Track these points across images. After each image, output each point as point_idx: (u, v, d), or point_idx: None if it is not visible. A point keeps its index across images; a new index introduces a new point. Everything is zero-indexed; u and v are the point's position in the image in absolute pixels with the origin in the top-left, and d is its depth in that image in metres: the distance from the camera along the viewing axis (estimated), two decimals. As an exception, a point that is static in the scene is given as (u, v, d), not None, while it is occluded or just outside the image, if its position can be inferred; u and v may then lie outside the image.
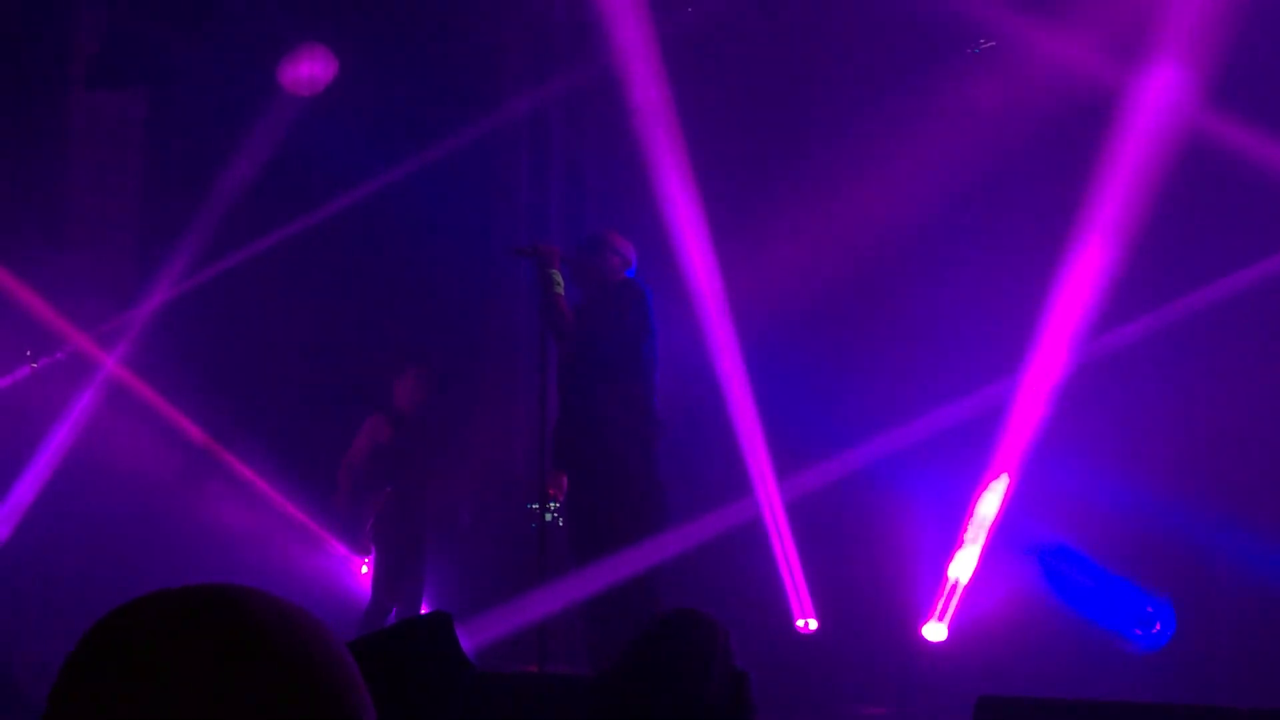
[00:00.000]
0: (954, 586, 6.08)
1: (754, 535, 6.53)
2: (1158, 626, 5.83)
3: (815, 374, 6.78)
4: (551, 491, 5.49)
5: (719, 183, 7.01)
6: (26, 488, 7.39)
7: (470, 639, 2.68)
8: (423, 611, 6.58)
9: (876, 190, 6.62)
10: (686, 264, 6.88)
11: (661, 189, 7.02)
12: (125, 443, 7.53)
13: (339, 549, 7.29)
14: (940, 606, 6.10)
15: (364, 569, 7.11)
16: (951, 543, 6.20)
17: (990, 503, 6.09)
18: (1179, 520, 5.82)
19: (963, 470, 6.24)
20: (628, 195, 7.22)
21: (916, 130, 6.49)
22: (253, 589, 1.01)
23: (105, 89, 7.89)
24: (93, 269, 7.85)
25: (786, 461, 6.54)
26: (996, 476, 6.14)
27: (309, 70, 7.74)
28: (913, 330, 6.69)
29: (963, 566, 6.08)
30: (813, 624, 6.39)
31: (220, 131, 7.67)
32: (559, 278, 5.44)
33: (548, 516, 5.56)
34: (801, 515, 6.52)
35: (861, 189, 6.67)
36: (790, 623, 6.47)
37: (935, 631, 6.09)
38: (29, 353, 7.73)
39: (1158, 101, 5.82)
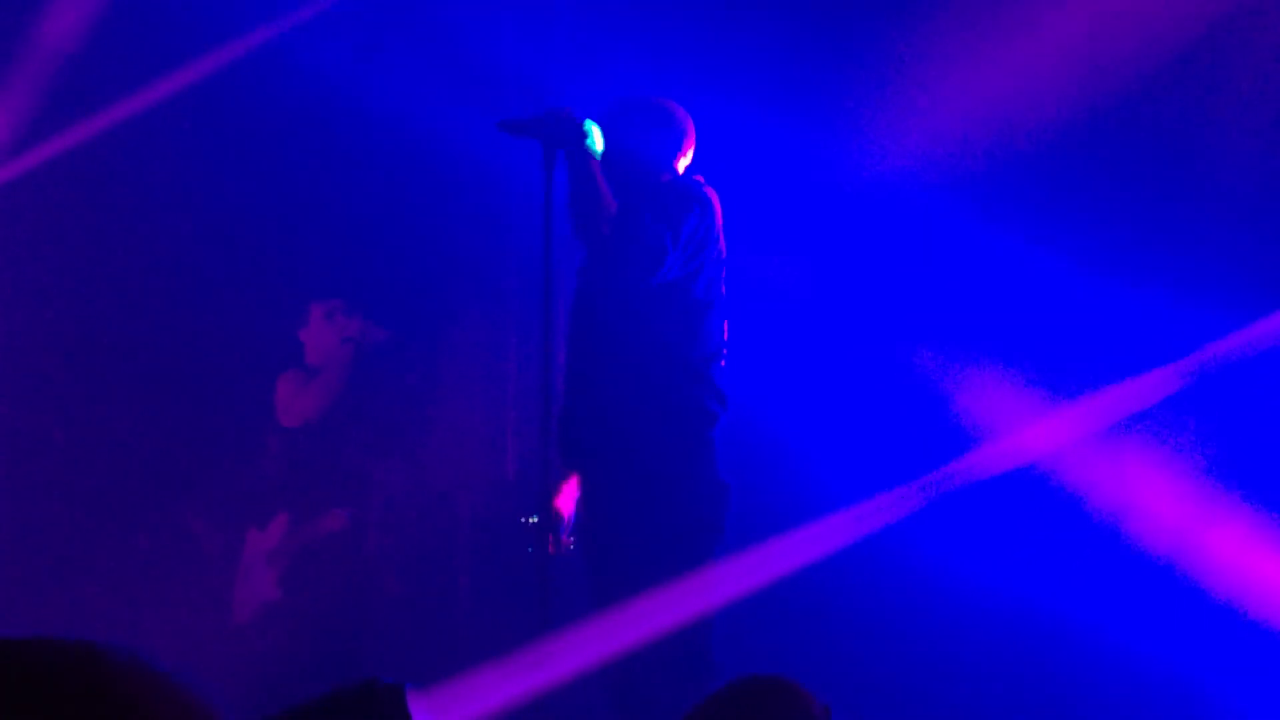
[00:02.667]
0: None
1: (858, 559, 6.69)
2: None
3: (952, 329, 7.01)
4: (558, 502, 5.50)
5: (818, 57, 7.08)
6: None
7: (435, 716, 2.63)
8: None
9: (1007, 80, 6.84)
10: (767, 163, 6.94)
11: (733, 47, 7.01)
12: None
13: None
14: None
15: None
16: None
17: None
18: None
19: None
20: (684, 47, 7.22)
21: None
22: (113, 648, 1.18)
23: None
24: None
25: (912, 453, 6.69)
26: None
27: None
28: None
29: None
30: None
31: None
32: (596, 130, 5.29)
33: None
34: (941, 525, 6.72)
35: (987, 76, 6.85)
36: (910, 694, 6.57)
37: None
38: None
39: None
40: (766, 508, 6.32)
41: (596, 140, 5.28)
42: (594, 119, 5.47)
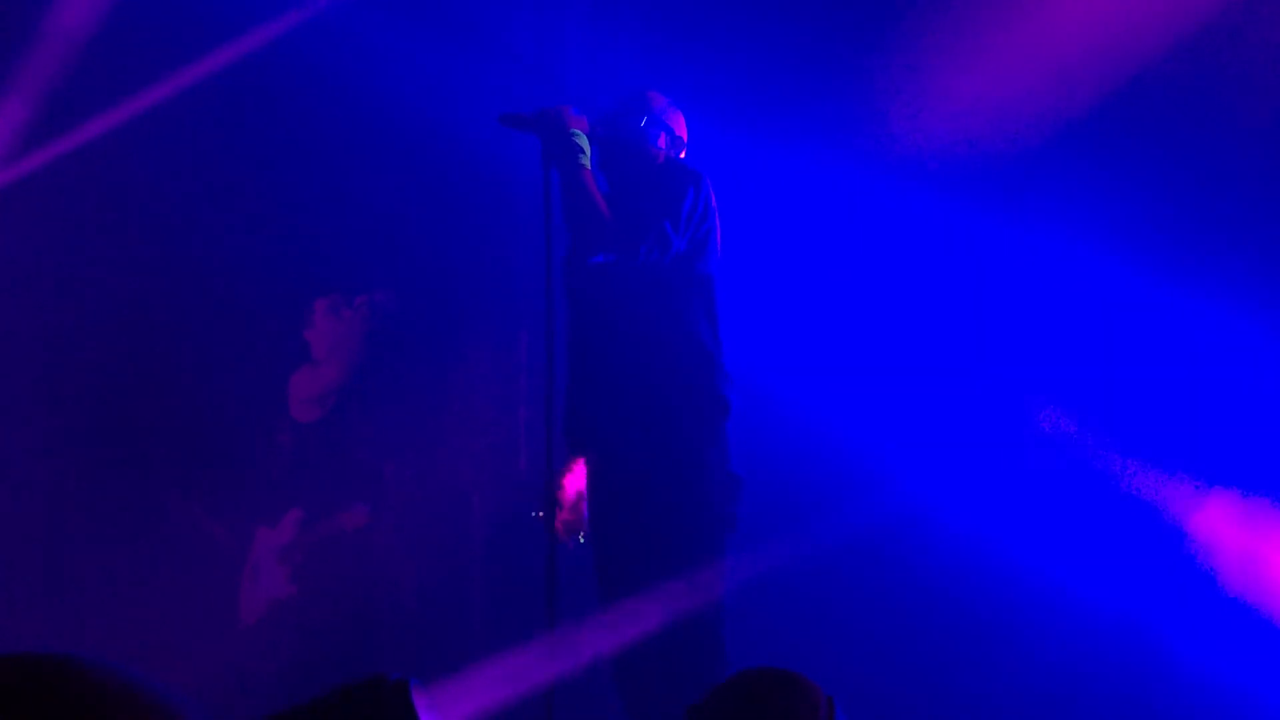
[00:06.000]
0: None
1: (864, 553, 6.68)
2: None
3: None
4: (563, 492, 5.44)
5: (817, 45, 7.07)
6: None
7: (440, 713, 2.60)
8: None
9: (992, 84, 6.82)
10: (770, 159, 6.91)
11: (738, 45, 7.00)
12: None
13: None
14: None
15: None
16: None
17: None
18: None
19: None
20: (687, 50, 7.17)
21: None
22: (93, 661, 1.18)
23: None
24: None
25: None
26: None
27: None
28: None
29: None
30: None
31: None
32: (585, 143, 5.28)
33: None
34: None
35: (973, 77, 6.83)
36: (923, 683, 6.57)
37: None
38: None
39: None
40: (773, 499, 6.28)
41: (585, 148, 5.25)
42: (593, 117, 5.46)
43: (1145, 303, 6.72)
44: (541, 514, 5.40)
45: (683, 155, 5.55)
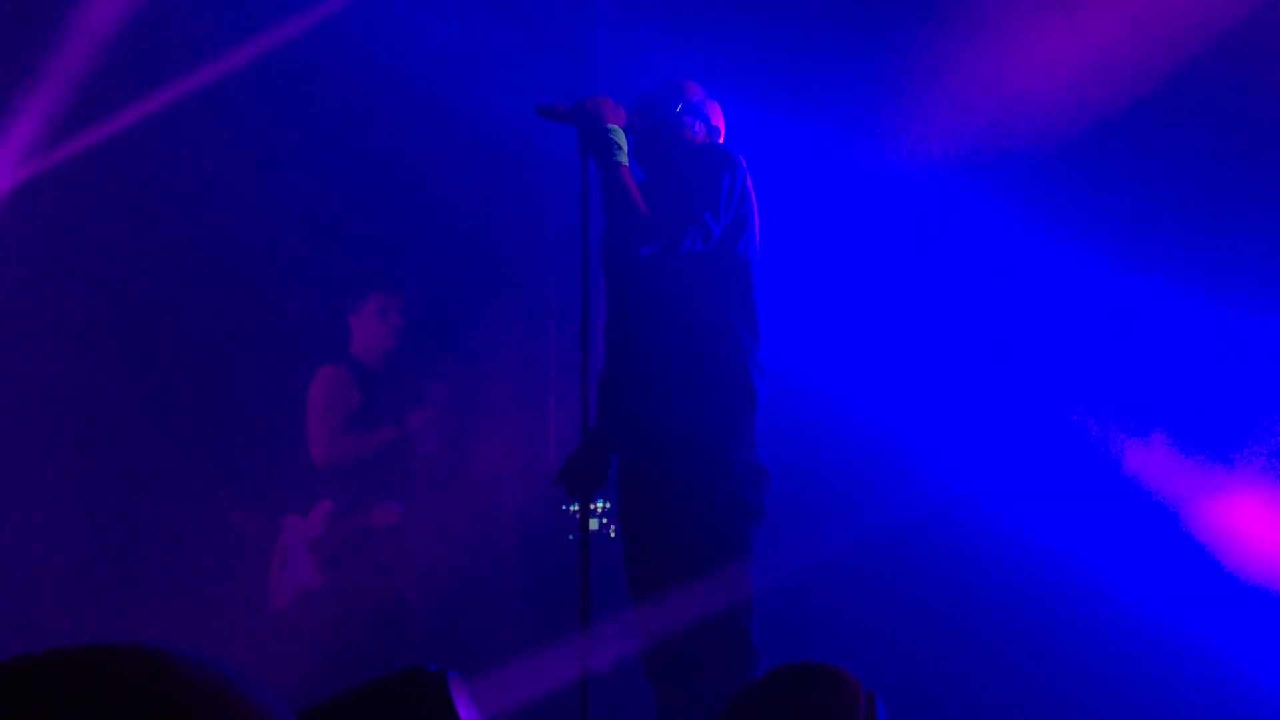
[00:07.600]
0: None
1: (915, 544, 6.70)
2: None
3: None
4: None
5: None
6: None
7: (477, 706, 2.60)
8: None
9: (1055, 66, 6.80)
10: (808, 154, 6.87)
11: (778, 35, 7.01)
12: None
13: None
14: None
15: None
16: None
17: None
18: None
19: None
20: (725, 42, 7.16)
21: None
22: (173, 652, 1.19)
23: None
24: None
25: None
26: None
27: None
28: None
29: None
30: None
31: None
32: (622, 138, 5.23)
33: (593, 522, 5.51)
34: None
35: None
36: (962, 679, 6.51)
37: None
38: None
39: None
40: (806, 492, 6.29)
41: (623, 144, 5.20)
42: (627, 105, 5.40)
43: (1178, 300, 6.71)
44: (574, 508, 5.38)
45: (718, 136, 5.51)
